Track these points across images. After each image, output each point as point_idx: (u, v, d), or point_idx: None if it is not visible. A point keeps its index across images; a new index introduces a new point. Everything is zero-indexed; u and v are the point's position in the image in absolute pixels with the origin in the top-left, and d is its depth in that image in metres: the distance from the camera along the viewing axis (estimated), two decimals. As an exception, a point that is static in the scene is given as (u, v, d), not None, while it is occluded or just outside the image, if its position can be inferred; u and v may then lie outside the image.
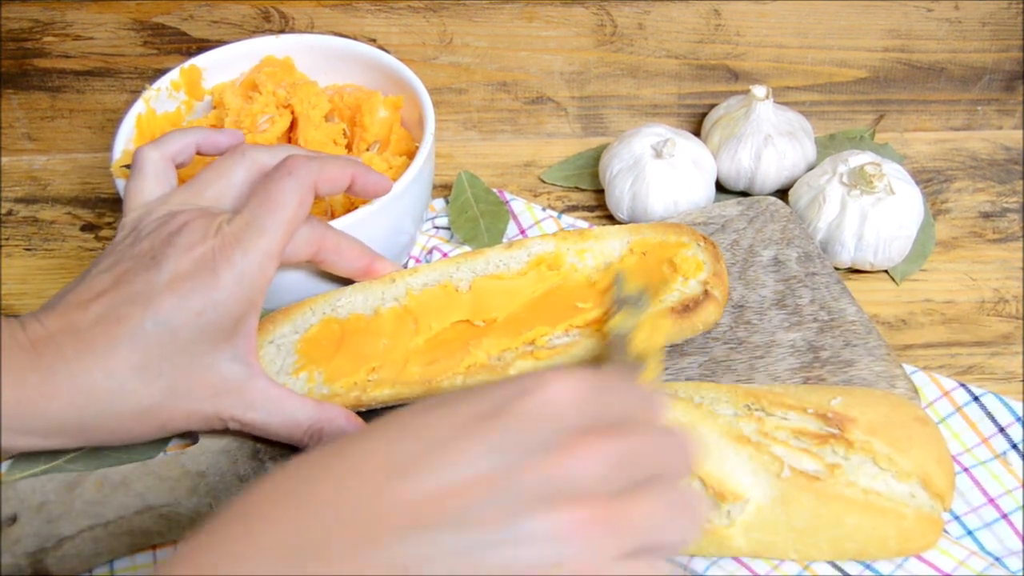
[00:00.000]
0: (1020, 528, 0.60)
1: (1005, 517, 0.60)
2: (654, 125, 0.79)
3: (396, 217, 0.70)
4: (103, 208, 0.84)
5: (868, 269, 0.75)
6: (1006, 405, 0.64)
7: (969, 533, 0.60)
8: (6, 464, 0.62)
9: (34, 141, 0.89)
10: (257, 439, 0.62)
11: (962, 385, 0.66)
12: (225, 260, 0.55)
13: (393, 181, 0.66)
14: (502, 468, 0.38)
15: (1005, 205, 0.81)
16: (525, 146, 0.88)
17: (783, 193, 0.79)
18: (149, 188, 0.60)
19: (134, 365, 0.54)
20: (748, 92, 0.79)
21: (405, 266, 0.76)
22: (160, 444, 0.63)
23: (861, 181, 0.72)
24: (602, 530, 0.38)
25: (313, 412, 0.59)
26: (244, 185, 0.61)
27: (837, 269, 0.74)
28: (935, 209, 0.80)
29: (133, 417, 0.56)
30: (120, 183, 0.67)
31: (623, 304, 0.62)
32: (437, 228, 0.80)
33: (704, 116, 0.85)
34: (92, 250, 0.81)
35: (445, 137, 0.89)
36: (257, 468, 0.61)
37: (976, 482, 0.62)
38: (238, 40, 0.78)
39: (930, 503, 0.56)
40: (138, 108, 0.73)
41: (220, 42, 0.80)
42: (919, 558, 0.57)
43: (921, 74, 0.85)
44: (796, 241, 0.72)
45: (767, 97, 0.78)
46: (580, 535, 0.38)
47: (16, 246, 0.82)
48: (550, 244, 0.68)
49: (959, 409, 0.65)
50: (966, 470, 0.63)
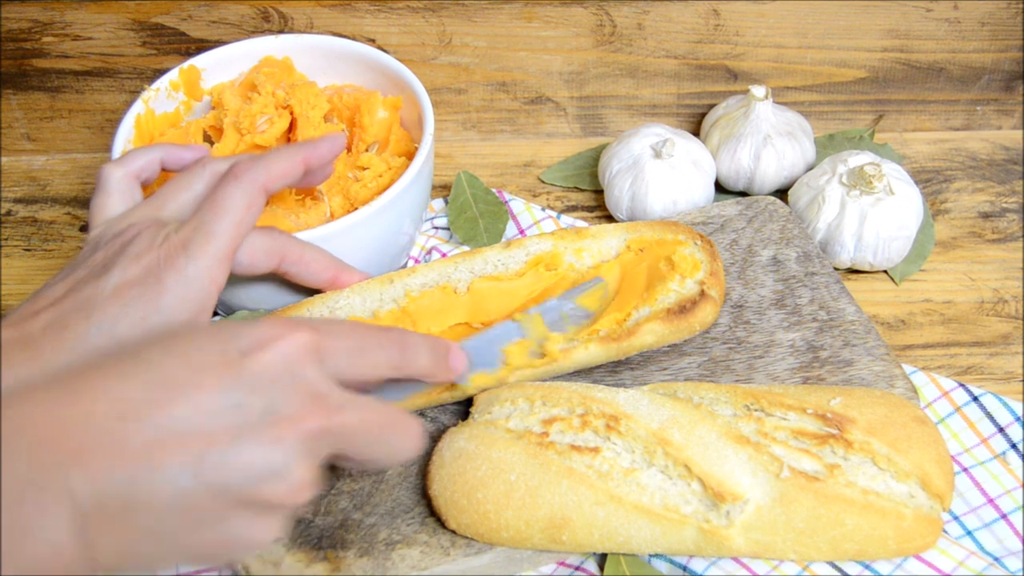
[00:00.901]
0: (1019, 528, 0.60)
1: (1004, 517, 0.60)
2: (653, 125, 0.79)
3: (395, 217, 0.70)
4: (102, 208, 0.84)
5: (867, 269, 0.75)
6: (1005, 405, 0.64)
7: (968, 533, 0.60)
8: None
9: (34, 141, 0.89)
10: None
11: (961, 385, 0.66)
12: (170, 266, 0.56)
13: (343, 136, 0.65)
14: (233, 426, 0.43)
15: (1004, 205, 0.81)
16: (524, 146, 0.88)
17: (782, 193, 0.80)
18: (112, 205, 0.61)
19: None
20: (747, 92, 0.79)
21: (404, 266, 0.76)
22: None
23: (860, 181, 0.72)
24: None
25: None
26: (204, 197, 0.61)
27: (837, 269, 0.74)
28: (935, 209, 0.80)
29: None
30: None
31: (549, 311, 0.62)
32: (436, 228, 0.80)
33: (703, 116, 0.85)
34: (91, 250, 0.81)
35: (444, 137, 0.89)
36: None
37: (975, 482, 0.62)
38: (237, 40, 0.78)
39: (929, 503, 0.56)
40: (137, 108, 0.74)
41: (219, 42, 0.80)
42: (918, 558, 0.57)
43: (920, 74, 0.85)
44: (795, 241, 0.72)
45: (766, 97, 0.78)
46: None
47: (16, 246, 0.82)
48: (548, 243, 0.67)
49: (958, 409, 0.65)
50: (965, 470, 0.63)
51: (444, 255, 0.75)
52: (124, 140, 0.72)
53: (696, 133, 0.85)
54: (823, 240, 0.74)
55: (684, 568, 0.57)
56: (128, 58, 0.85)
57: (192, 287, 0.56)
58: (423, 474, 0.60)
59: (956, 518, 0.61)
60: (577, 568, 0.59)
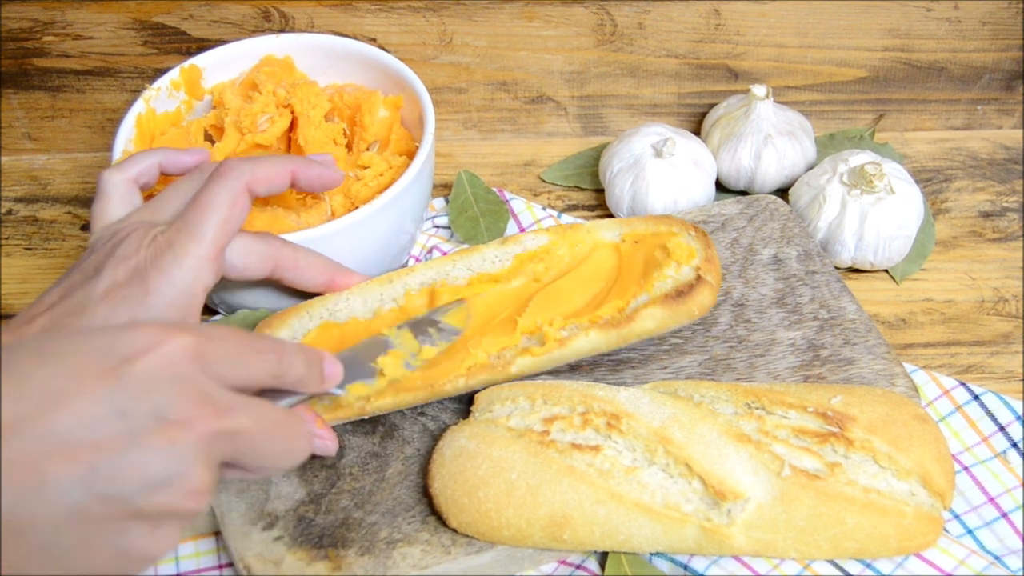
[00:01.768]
0: (1020, 527, 0.60)
1: (1005, 516, 0.60)
2: (654, 124, 0.79)
3: (396, 216, 0.70)
4: (103, 208, 0.84)
5: (868, 268, 0.75)
6: (1006, 404, 0.64)
7: (969, 532, 0.60)
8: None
9: (34, 141, 0.89)
10: None
11: (962, 384, 0.66)
12: (156, 267, 0.56)
13: (344, 172, 0.65)
14: (121, 433, 0.41)
15: (1005, 205, 0.81)
16: (525, 145, 0.88)
17: (783, 192, 0.80)
18: (112, 209, 0.61)
19: None
20: (748, 91, 0.79)
21: (405, 265, 0.76)
22: None
23: (861, 181, 0.72)
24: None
25: None
26: None
27: (837, 268, 0.74)
28: (935, 209, 0.81)
29: None
30: None
31: (418, 326, 0.61)
32: (437, 227, 0.80)
33: (704, 115, 0.85)
34: (92, 250, 0.81)
35: (445, 136, 0.89)
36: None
37: (976, 481, 0.62)
38: (238, 40, 0.78)
39: (930, 501, 0.56)
40: (138, 108, 0.74)
41: (220, 41, 0.80)
42: (919, 557, 0.57)
43: (921, 74, 0.85)
44: (796, 239, 0.72)
45: (767, 96, 0.78)
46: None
47: (16, 246, 0.82)
48: (544, 238, 0.68)
49: (959, 408, 0.65)
50: (966, 469, 0.63)
51: (444, 254, 0.75)
52: (125, 139, 0.72)
53: (697, 132, 0.85)
54: (824, 239, 0.74)
55: (685, 567, 0.57)
56: (129, 57, 0.85)
57: (178, 286, 0.56)
58: (424, 472, 0.60)
59: (957, 517, 0.61)
60: (578, 567, 0.59)
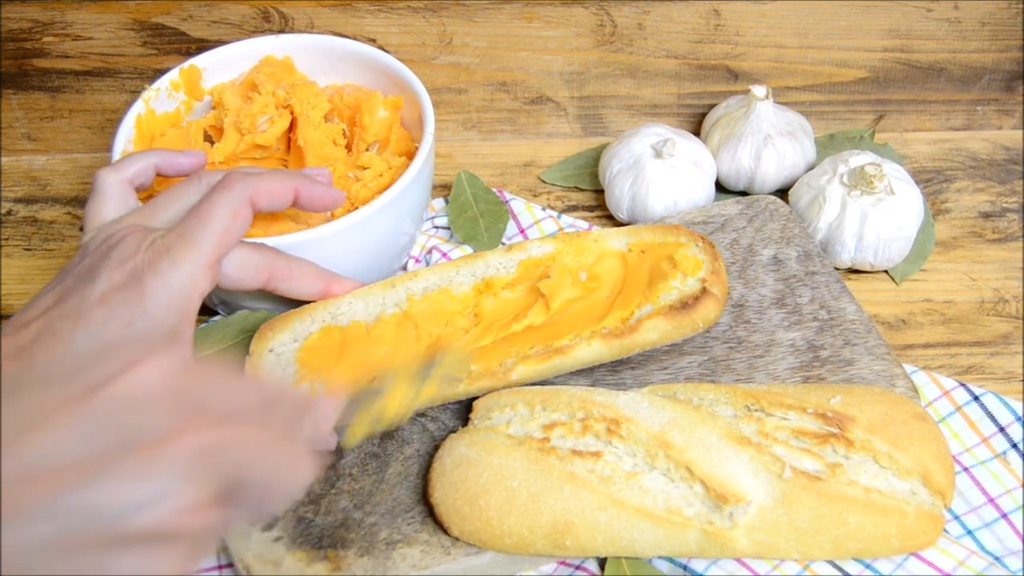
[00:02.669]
0: (1020, 528, 0.60)
1: (1005, 517, 0.60)
2: (654, 125, 0.79)
3: (396, 217, 0.70)
4: (103, 208, 0.84)
5: (868, 269, 0.75)
6: (1006, 405, 0.64)
7: (969, 533, 0.60)
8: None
9: (34, 141, 0.89)
10: None
11: (962, 385, 0.66)
12: (153, 271, 0.56)
13: (343, 192, 0.65)
14: (88, 458, 0.39)
15: (1005, 205, 0.81)
16: (525, 146, 0.88)
17: (783, 193, 0.80)
18: (107, 210, 0.61)
19: None
20: (748, 92, 0.79)
21: (405, 267, 0.76)
22: None
23: (861, 181, 0.72)
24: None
25: None
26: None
27: (837, 269, 0.74)
28: (935, 209, 0.81)
29: None
30: None
31: (419, 373, 0.59)
32: (437, 228, 0.80)
33: (704, 116, 0.85)
34: (92, 250, 0.81)
35: (445, 137, 0.89)
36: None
37: (976, 482, 0.62)
38: (238, 40, 0.78)
39: (931, 500, 0.56)
40: (137, 108, 0.74)
41: (220, 42, 0.80)
42: (919, 557, 0.57)
43: (921, 74, 0.85)
44: (796, 240, 0.72)
45: (767, 97, 0.78)
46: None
47: (16, 246, 0.82)
48: (549, 246, 0.67)
49: (959, 408, 0.65)
50: (966, 470, 0.63)
51: (445, 254, 0.75)
52: (125, 140, 0.72)
53: (697, 133, 0.85)
54: (824, 240, 0.74)
55: (685, 568, 0.57)
56: (129, 58, 0.85)
57: (174, 292, 0.56)
58: (424, 482, 0.60)
59: (957, 517, 0.61)
60: (577, 568, 0.59)
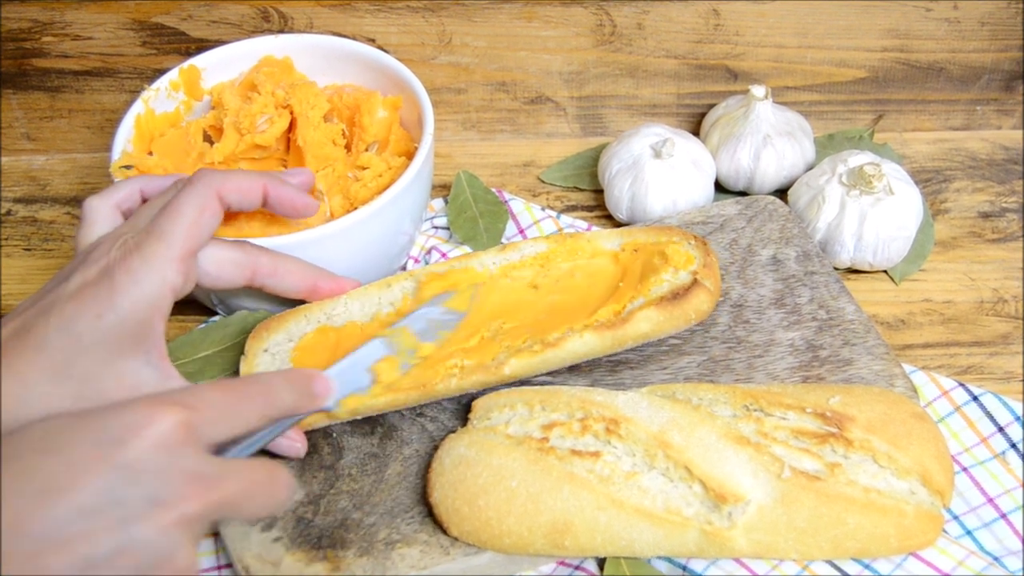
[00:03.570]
0: (1019, 528, 0.60)
1: (1004, 517, 0.60)
2: (653, 125, 0.79)
3: (395, 217, 0.70)
4: (102, 208, 0.84)
5: (867, 269, 0.75)
6: (1005, 405, 0.64)
7: (968, 533, 0.60)
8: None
9: (33, 141, 0.89)
10: None
11: (961, 385, 0.66)
12: (122, 267, 0.57)
13: (316, 201, 0.65)
14: (114, 521, 0.43)
15: (1004, 205, 0.81)
16: (524, 146, 0.88)
17: (782, 193, 0.80)
18: (96, 235, 0.62)
19: (43, 370, 0.55)
20: (747, 92, 0.79)
21: (404, 267, 0.76)
22: None
23: (860, 181, 0.72)
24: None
25: None
26: None
27: (836, 269, 0.74)
28: (934, 209, 0.81)
29: None
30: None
31: (418, 319, 0.61)
32: (436, 228, 0.80)
33: (703, 116, 0.85)
34: (91, 250, 0.81)
35: (444, 137, 0.89)
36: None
37: (975, 482, 0.62)
38: (237, 40, 0.78)
39: (930, 499, 0.56)
40: (137, 108, 0.74)
41: (219, 42, 0.80)
42: (918, 557, 0.57)
43: (920, 74, 0.85)
44: (795, 240, 0.72)
45: (766, 97, 0.78)
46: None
47: (16, 246, 0.82)
48: (543, 246, 0.68)
49: (958, 408, 0.65)
50: (965, 470, 0.63)
51: (444, 255, 0.75)
52: (124, 140, 0.72)
53: (696, 133, 0.85)
54: (823, 240, 0.74)
55: (684, 568, 0.57)
56: (128, 58, 0.85)
57: (144, 287, 0.57)
58: (423, 482, 0.60)
59: (956, 517, 0.61)
60: (577, 568, 0.59)
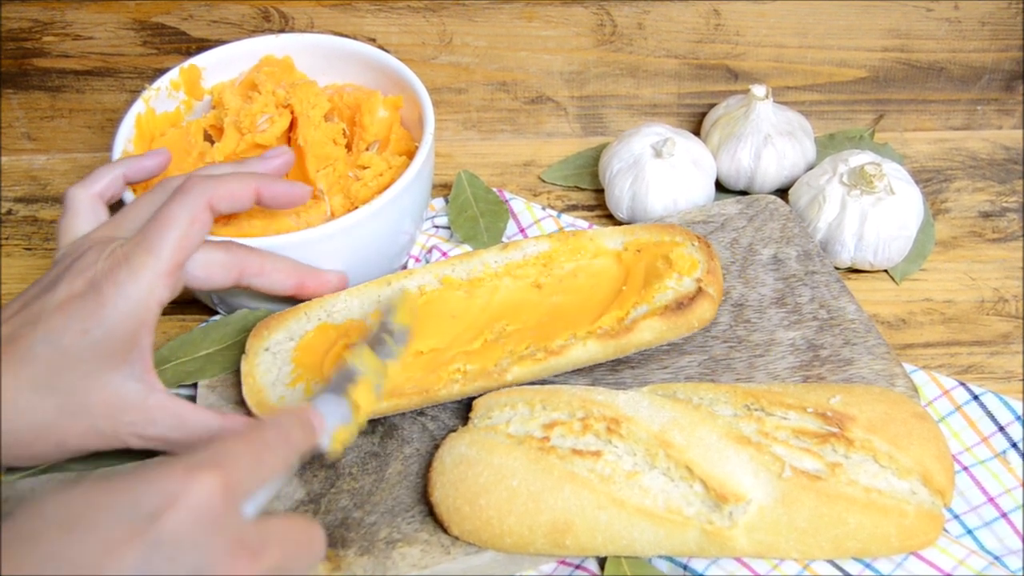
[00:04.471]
0: (1020, 527, 0.60)
1: (1005, 516, 0.60)
2: (654, 125, 0.79)
3: (396, 217, 0.70)
4: (103, 208, 0.84)
5: (868, 269, 0.75)
6: (1006, 404, 0.64)
7: (969, 532, 0.60)
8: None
9: (34, 141, 0.89)
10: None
11: (962, 384, 0.66)
12: (110, 280, 0.56)
13: (311, 187, 0.65)
14: None
15: (1005, 205, 0.81)
16: (525, 146, 0.88)
17: (783, 193, 0.80)
18: (78, 225, 0.62)
19: (28, 382, 0.55)
20: (748, 92, 0.79)
21: (405, 266, 0.76)
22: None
23: (861, 181, 0.72)
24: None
25: (215, 424, 0.59)
26: None
27: (837, 269, 0.74)
28: (935, 209, 0.81)
29: (31, 434, 0.56)
30: (127, 193, 0.67)
31: (375, 340, 0.59)
32: (437, 227, 0.80)
33: (704, 116, 0.85)
34: (92, 250, 0.81)
35: (445, 137, 0.89)
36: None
37: (976, 481, 0.62)
38: (238, 40, 0.78)
39: (931, 499, 0.56)
40: (138, 108, 0.74)
41: (220, 42, 0.80)
42: (919, 556, 0.57)
43: (921, 74, 0.85)
44: (795, 239, 0.72)
45: (767, 97, 0.78)
46: None
47: (16, 246, 0.82)
48: (545, 245, 0.68)
49: (959, 408, 0.65)
50: (966, 469, 0.63)
51: (444, 254, 0.75)
52: (125, 139, 0.72)
53: (697, 133, 0.85)
54: (824, 239, 0.74)
55: (685, 567, 0.57)
56: (129, 57, 0.85)
57: (132, 300, 0.56)
58: (424, 481, 0.60)
59: (956, 517, 0.61)
60: (577, 567, 0.59)
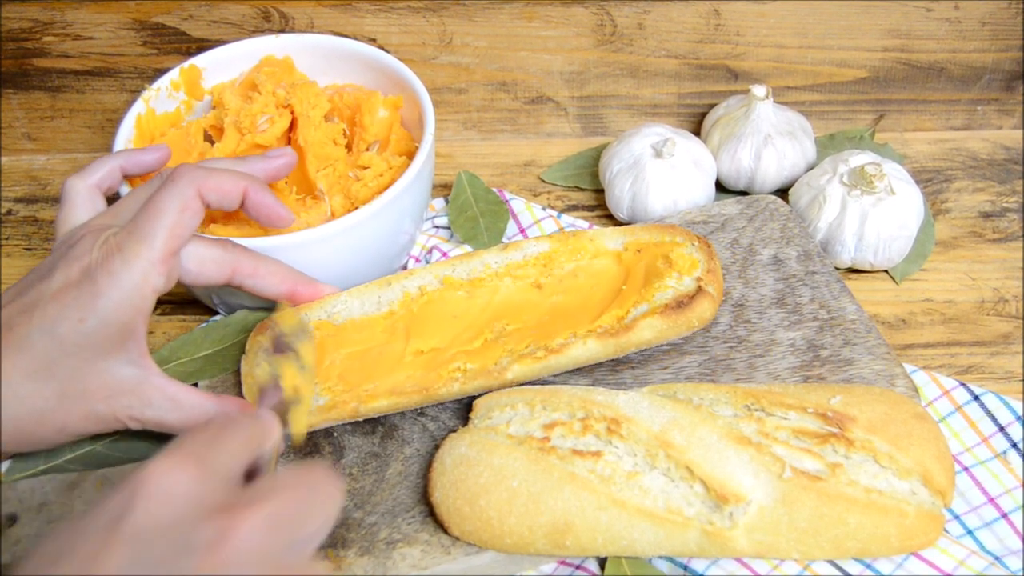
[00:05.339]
0: (1020, 527, 0.60)
1: (1005, 516, 0.60)
2: (654, 125, 0.79)
3: (396, 217, 0.70)
4: (103, 208, 0.84)
5: (868, 269, 0.75)
6: (1006, 404, 0.64)
7: (969, 532, 0.60)
8: (6, 464, 0.62)
9: (34, 141, 0.89)
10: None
11: (962, 384, 0.66)
12: (104, 269, 0.56)
13: (292, 215, 0.65)
14: None
15: (1005, 205, 0.81)
16: (525, 146, 0.88)
17: (783, 193, 0.80)
18: (76, 215, 0.62)
19: (26, 370, 0.56)
20: (748, 92, 0.79)
21: (405, 266, 0.76)
22: (161, 444, 0.63)
23: (861, 181, 0.72)
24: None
25: (211, 406, 0.60)
26: None
27: (837, 269, 0.74)
28: (935, 209, 0.81)
29: (31, 420, 0.57)
30: (123, 187, 0.67)
31: (280, 347, 0.60)
32: (437, 227, 0.80)
33: (704, 116, 0.85)
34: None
35: (445, 137, 0.89)
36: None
37: (976, 481, 0.62)
38: (238, 40, 0.78)
39: (931, 499, 0.56)
40: (138, 108, 0.74)
41: (220, 42, 0.80)
42: (919, 557, 0.57)
43: (921, 74, 0.85)
44: (796, 239, 0.72)
45: (767, 97, 0.78)
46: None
47: (16, 246, 0.82)
48: (545, 245, 0.67)
49: (959, 408, 0.65)
50: (966, 469, 0.63)
51: (445, 254, 0.75)
52: (125, 140, 0.72)
53: (697, 133, 0.85)
54: (824, 240, 0.74)
55: (685, 568, 0.57)
56: (129, 58, 0.85)
57: (126, 289, 0.56)
58: (425, 481, 0.60)
59: (957, 517, 0.61)
60: (578, 567, 0.59)
